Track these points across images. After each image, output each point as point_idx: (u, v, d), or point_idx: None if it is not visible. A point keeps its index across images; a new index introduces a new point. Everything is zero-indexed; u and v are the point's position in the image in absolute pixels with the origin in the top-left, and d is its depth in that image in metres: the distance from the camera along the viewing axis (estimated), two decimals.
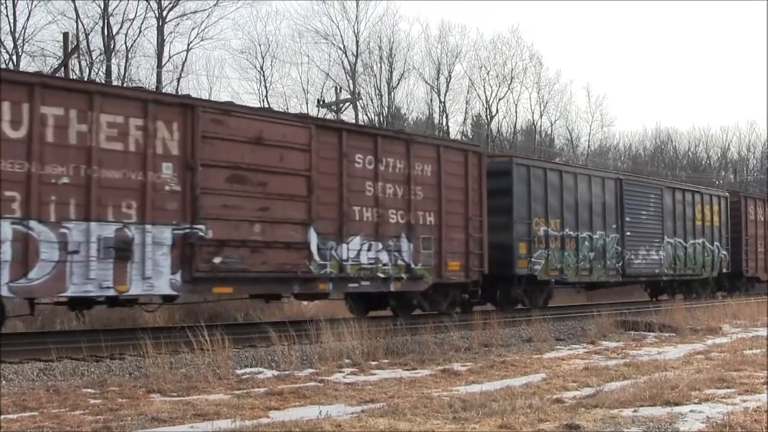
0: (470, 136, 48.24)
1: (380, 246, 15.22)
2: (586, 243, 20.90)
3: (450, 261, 16.65)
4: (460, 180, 17.04)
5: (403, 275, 15.65)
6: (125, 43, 34.87)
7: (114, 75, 33.75)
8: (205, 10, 37.90)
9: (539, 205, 19.53)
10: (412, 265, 15.83)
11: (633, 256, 22.74)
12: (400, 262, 15.61)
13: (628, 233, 22.55)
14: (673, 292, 26.87)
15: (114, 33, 34.19)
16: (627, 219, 22.56)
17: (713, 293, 27.78)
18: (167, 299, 13.42)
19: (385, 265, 15.33)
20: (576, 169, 21.87)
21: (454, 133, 47.45)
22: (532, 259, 19.12)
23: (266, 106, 40.08)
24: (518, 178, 19.05)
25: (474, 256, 17.20)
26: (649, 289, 27.69)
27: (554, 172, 20.31)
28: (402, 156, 15.83)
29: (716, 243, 27.17)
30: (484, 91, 48.70)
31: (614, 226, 22.03)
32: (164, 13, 35.46)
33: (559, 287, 22.30)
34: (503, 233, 18.66)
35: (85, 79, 32.15)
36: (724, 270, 27.78)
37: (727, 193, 29.12)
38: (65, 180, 11.25)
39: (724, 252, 27.73)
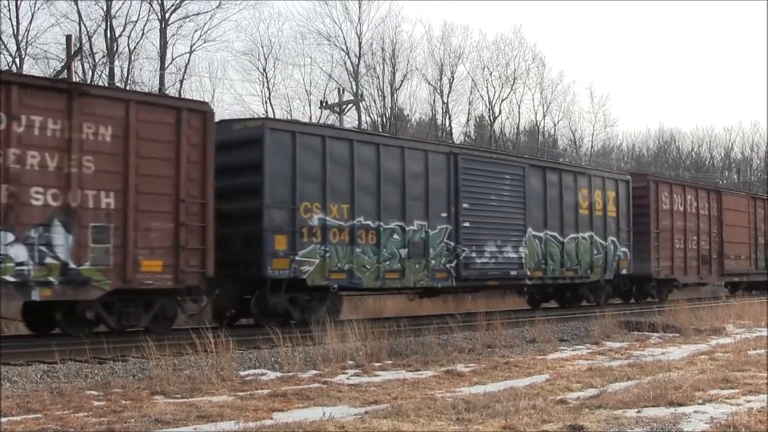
0: (473, 137, 48.25)
1: (12, 238, 11.19)
2: (395, 236, 16.12)
3: (146, 259, 12.55)
4: (168, 149, 12.87)
5: (53, 278, 11.60)
6: (128, 45, 34.89)
7: (117, 77, 33.81)
8: (207, 12, 37.84)
9: (312, 185, 14.94)
10: (72, 265, 11.77)
11: (474, 254, 17.75)
12: (49, 260, 11.57)
13: (467, 224, 17.57)
14: (546, 298, 22.89)
15: (117, 35, 34.21)
16: (465, 206, 17.59)
17: (606, 300, 22.74)
18: None
19: (22, 264, 11.26)
20: (380, 139, 16.85)
21: (458, 134, 47.49)
22: (298, 258, 14.55)
23: (269, 108, 40.21)
24: (274, 149, 14.44)
25: (190, 252, 12.98)
26: (527, 296, 23.24)
27: (340, 142, 15.52)
28: (60, 114, 11.77)
29: (611, 238, 21.85)
30: (487, 92, 48.62)
31: (444, 214, 17.12)
32: (167, 15, 35.47)
33: (356, 294, 18.66)
34: (250, 223, 14.52)
35: (88, 81, 32.23)
36: (624, 271, 22.51)
37: (628, 176, 23.64)
38: None
39: (624, 249, 22.40)
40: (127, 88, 33.00)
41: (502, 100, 48.94)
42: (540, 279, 19.95)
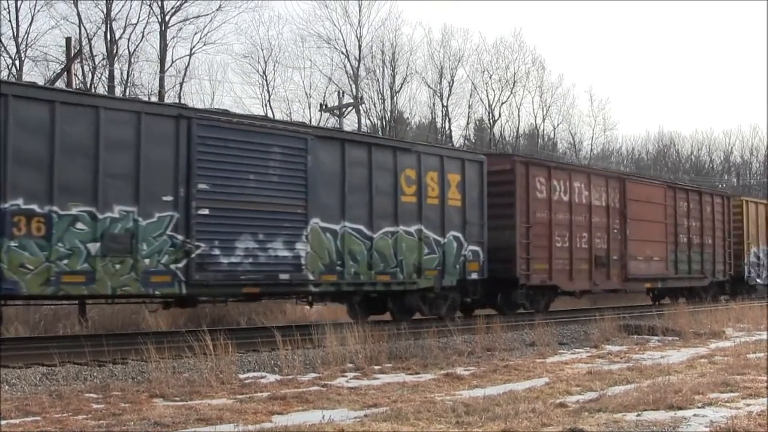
0: (473, 140, 48.26)
1: None
2: (80, 226, 11.96)
3: None
4: None
5: None
6: (128, 47, 35.02)
7: (116, 80, 33.85)
8: (207, 14, 38.00)
9: None
10: None
11: (218, 251, 13.50)
12: None
13: (205, 211, 13.35)
14: (374, 308, 17.60)
15: (117, 38, 34.33)
16: (203, 187, 13.34)
17: (452, 312, 17.72)
18: None
19: None
20: (57, 95, 12.25)
21: (457, 137, 47.51)
22: None
23: (269, 110, 40.18)
24: None
25: None
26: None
27: None
28: None
29: (453, 233, 17.15)
30: (487, 95, 48.79)
31: (167, 198, 12.96)
32: (167, 18, 35.59)
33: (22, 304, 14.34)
34: None
35: (88, 83, 32.24)
36: (474, 275, 17.66)
37: (482, 156, 18.70)
38: None
39: (474, 248, 17.65)
40: (127, 90, 33.11)
41: (502, 104, 49.14)
42: (333, 285, 15.02)
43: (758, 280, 30.44)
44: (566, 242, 20.17)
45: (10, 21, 32.14)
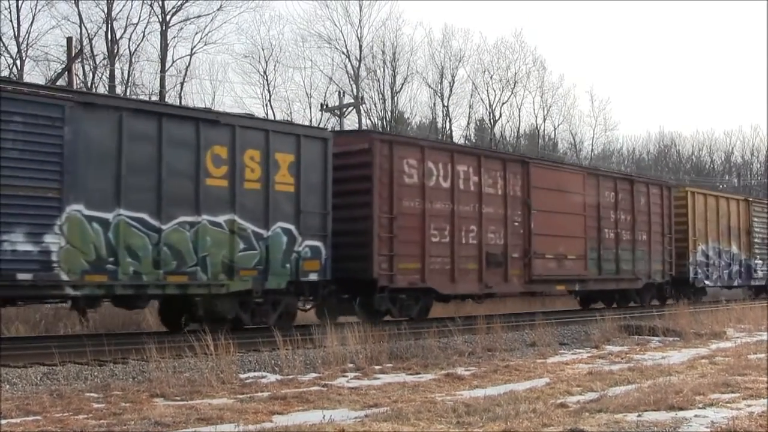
0: (474, 140, 48.26)
1: None
2: None
3: None
4: None
5: None
6: (129, 47, 34.99)
7: (117, 80, 33.86)
8: (208, 14, 37.85)
9: None
10: None
11: None
12: None
13: None
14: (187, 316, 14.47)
15: (117, 37, 34.28)
16: None
17: (287, 321, 14.72)
18: None
19: None
20: None
21: (458, 137, 47.51)
22: None
23: (270, 110, 40.18)
24: None
25: None
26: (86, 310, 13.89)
27: None
28: None
29: (282, 225, 14.20)
30: (488, 96, 48.70)
31: None
32: (167, 18, 35.54)
33: None
34: None
35: (88, 83, 32.26)
36: (313, 276, 14.65)
37: (327, 134, 15.78)
38: None
39: (314, 243, 14.66)
40: (128, 91, 33.12)
41: (503, 104, 49.06)
42: (103, 287, 12.24)
43: (707, 282, 26.74)
44: (446, 237, 16.88)
45: (11, 21, 32.15)
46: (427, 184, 16.57)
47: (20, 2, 32.28)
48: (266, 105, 41.05)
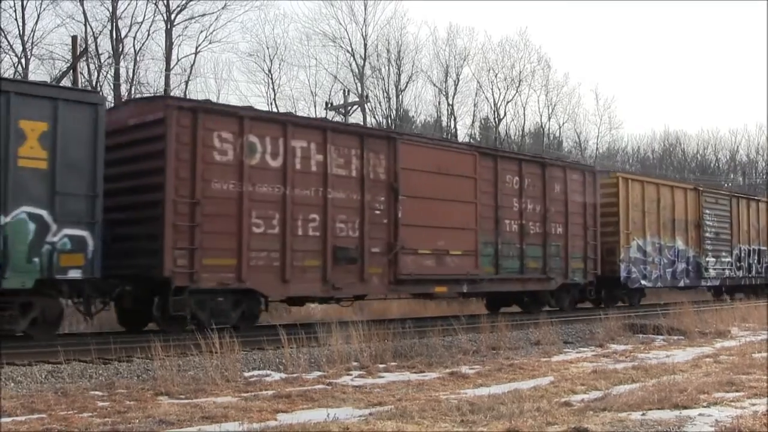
0: (478, 139, 48.24)
1: None
2: None
3: None
4: None
5: None
6: (133, 46, 35.02)
7: (122, 78, 33.90)
8: (213, 13, 37.87)
9: None
10: None
11: None
12: None
13: None
14: None
15: (122, 36, 34.31)
16: None
17: (45, 331, 12.20)
18: None
19: None
20: None
21: (462, 135, 47.48)
22: None
23: (275, 109, 40.20)
24: None
25: None
26: None
27: None
28: None
29: (27, 209, 11.52)
30: (492, 94, 48.68)
31: None
32: (172, 17, 35.56)
33: None
34: None
35: (93, 82, 32.30)
36: (76, 273, 11.91)
37: (99, 98, 13.16)
38: None
39: (77, 232, 11.95)
40: (133, 89, 33.17)
41: (508, 102, 49.03)
42: None
43: (644, 282, 23.31)
44: (275, 227, 14.08)
45: (16, 19, 32.18)
46: (247, 163, 13.78)
47: (25, 1, 32.38)
48: (271, 103, 41.10)
